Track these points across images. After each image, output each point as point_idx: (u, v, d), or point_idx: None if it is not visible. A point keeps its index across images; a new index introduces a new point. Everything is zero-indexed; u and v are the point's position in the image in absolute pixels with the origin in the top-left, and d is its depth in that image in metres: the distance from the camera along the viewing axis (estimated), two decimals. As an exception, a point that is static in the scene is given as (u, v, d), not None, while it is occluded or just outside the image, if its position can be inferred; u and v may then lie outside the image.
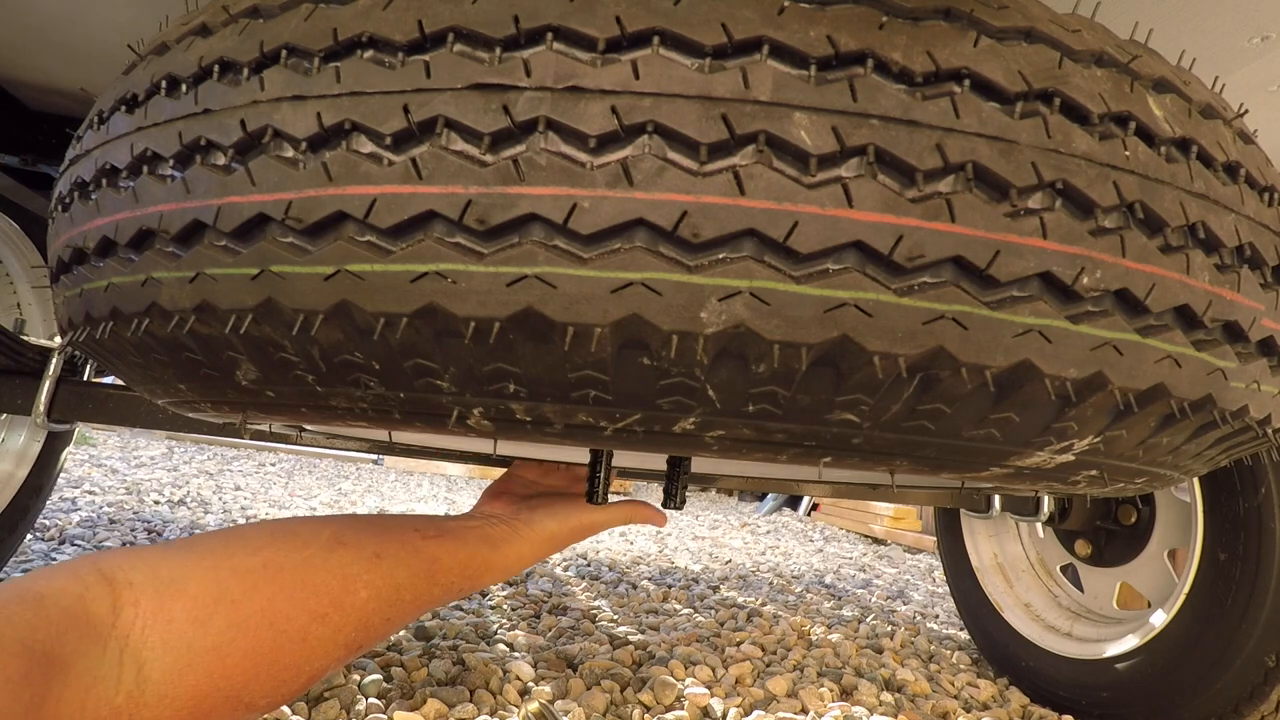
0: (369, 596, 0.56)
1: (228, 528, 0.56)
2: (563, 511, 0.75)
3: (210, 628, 0.47)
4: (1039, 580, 1.53)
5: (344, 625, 0.54)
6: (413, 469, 5.75)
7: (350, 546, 0.57)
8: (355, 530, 0.59)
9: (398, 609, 0.58)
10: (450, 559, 0.63)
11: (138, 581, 0.45)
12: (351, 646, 0.55)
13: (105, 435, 4.86)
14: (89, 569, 0.45)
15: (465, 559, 0.64)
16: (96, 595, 0.43)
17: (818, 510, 5.21)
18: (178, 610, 0.46)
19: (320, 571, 0.54)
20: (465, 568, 0.64)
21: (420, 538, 0.62)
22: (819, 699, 1.20)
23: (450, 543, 0.64)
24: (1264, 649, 1.03)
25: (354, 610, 0.55)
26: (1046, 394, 0.40)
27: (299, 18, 0.41)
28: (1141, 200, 0.40)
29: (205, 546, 0.52)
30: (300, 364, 0.43)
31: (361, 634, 0.56)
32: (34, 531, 1.87)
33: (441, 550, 0.63)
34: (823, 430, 0.42)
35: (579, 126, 0.36)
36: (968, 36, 0.38)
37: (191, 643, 0.46)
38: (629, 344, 0.38)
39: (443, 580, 0.62)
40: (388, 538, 0.60)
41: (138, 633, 0.44)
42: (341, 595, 0.54)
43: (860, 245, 0.36)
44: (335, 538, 0.57)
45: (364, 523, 0.61)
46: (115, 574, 0.45)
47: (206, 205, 0.41)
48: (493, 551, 0.67)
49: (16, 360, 1.10)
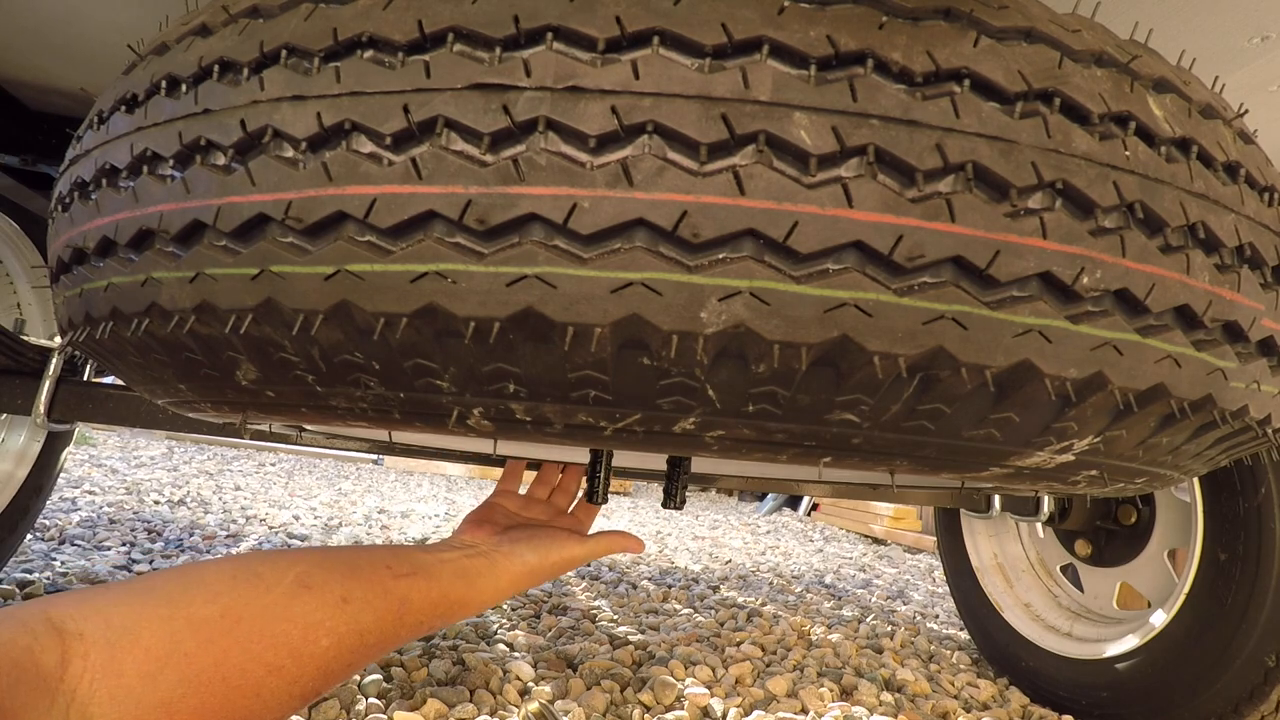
0: (330, 644, 0.54)
1: (190, 565, 0.54)
2: (544, 545, 0.74)
3: (160, 683, 0.45)
4: (1039, 580, 1.53)
5: (301, 676, 0.52)
6: (413, 469, 5.75)
7: (316, 590, 0.54)
8: (324, 570, 0.57)
9: (360, 654, 0.57)
10: (421, 599, 0.61)
11: (88, 633, 0.44)
12: (308, 695, 0.53)
13: (105, 435, 4.86)
14: (38, 618, 0.43)
15: (437, 598, 0.63)
16: (45, 646, 0.42)
17: (818, 510, 5.21)
18: (128, 663, 0.44)
19: (281, 621, 0.52)
20: (436, 606, 0.63)
21: (391, 576, 0.60)
22: (819, 699, 1.20)
23: (422, 582, 0.62)
24: (1264, 649, 1.03)
25: (313, 660, 0.53)
26: (1046, 394, 0.40)
27: (299, 18, 0.41)
28: (1141, 200, 0.40)
29: (163, 592, 0.50)
30: (300, 364, 0.43)
31: (320, 682, 0.54)
32: (34, 531, 1.87)
33: (413, 590, 0.61)
34: (823, 430, 0.42)
35: (579, 126, 0.36)
36: (968, 36, 0.38)
37: (140, 698, 0.44)
38: (629, 344, 0.38)
39: (410, 621, 0.61)
40: (357, 579, 0.58)
41: (85, 686, 0.42)
42: (301, 645, 0.52)
43: (860, 245, 0.36)
44: (300, 581, 0.54)
45: (333, 561, 0.58)
46: (65, 624, 0.44)
47: (206, 205, 0.41)
48: (468, 588, 0.66)
49: (16, 360, 1.10)
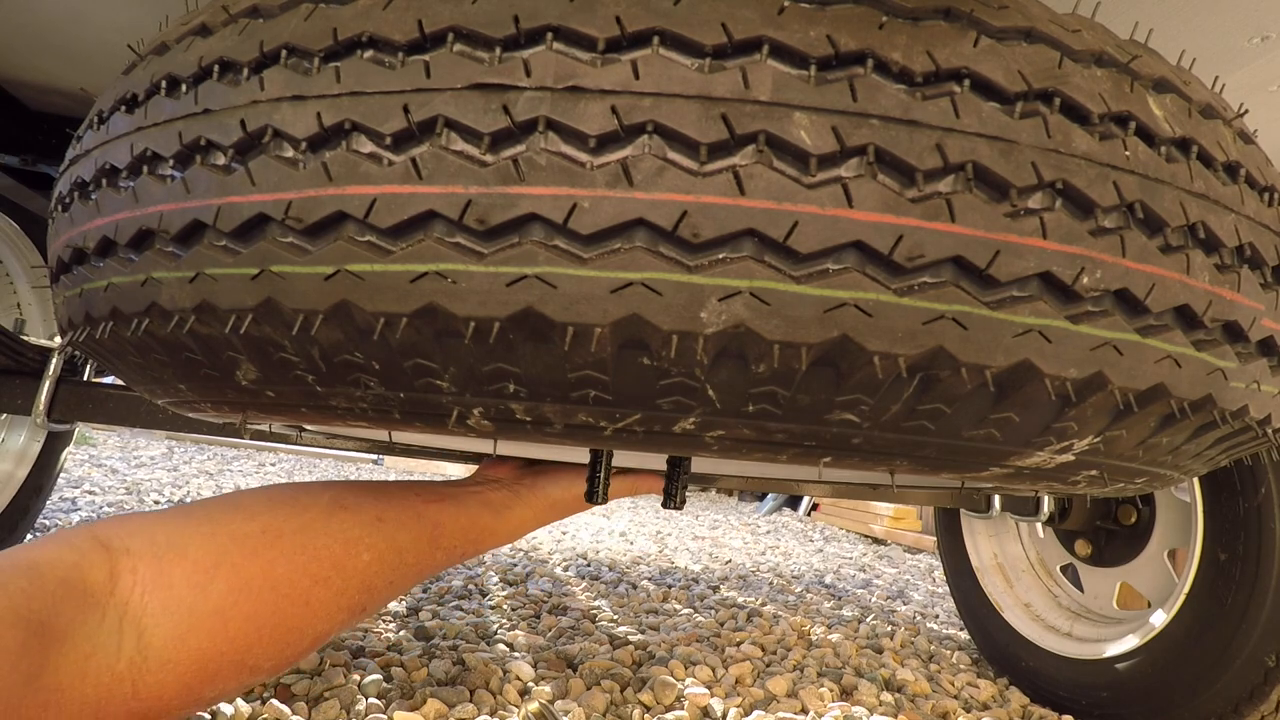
0: (371, 559, 0.55)
1: (223, 495, 0.55)
2: (566, 479, 0.74)
3: (211, 592, 0.46)
4: (1039, 580, 1.53)
5: (347, 588, 0.54)
6: (413, 469, 5.75)
7: (351, 510, 0.56)
8: (355, 495, 0.58)
9: (400, 572, 0.58)
10: (452, 524, 0.63)
11: (135, 548, 0.45)
12: (355, 610, 0.55)
13: (105, 435, 4.86)
14: (84, 537, 0.44)
15: (467, 524, 0.64)
16: (93, 562, 0.43)
17: (818, 510, 5.21)
18: (177, 575, 0.45)
19: (321, 535, 0.53)
20: (467, 532, 0.64)
21: (422, 502, 0.62)
22: (819, 699, 1.20)
23: (451, 507, 0.64)
24: (1264, 649, 1.03)
25: (356, 573, 0.54)
26: (1046, 394, 0.40)
27: (299, 18, 0.41)
28: (1141, 200, 0.40)
29: (203, 513, 0.51)
30: (300, 364, 0.43)
31: (365, 597, 0.55)
32: (34, 531, 1.87)
33: (443, 515, 0.62)
34: (823, 430, 0.42)
35: (579, 126, 0.36)
36: (968, 36, 0.38)
37: (193, 607, 0.45)
38: (629, 344, 0.38)
39: (445, 544, 0.62)
40: (389, 502, 0.59)
41: (136, 599, 0.43)
42: (343, 558, 0.54)
43: (860, 245, 0.36)
44: (335, 502, 0.56)
45: (364, 487, 0.60)
46: (111, 540, 0.45)
47: (206, 205, 0.41)
48: (495, 517, 0.67)
49: (16, 360, 1.10)
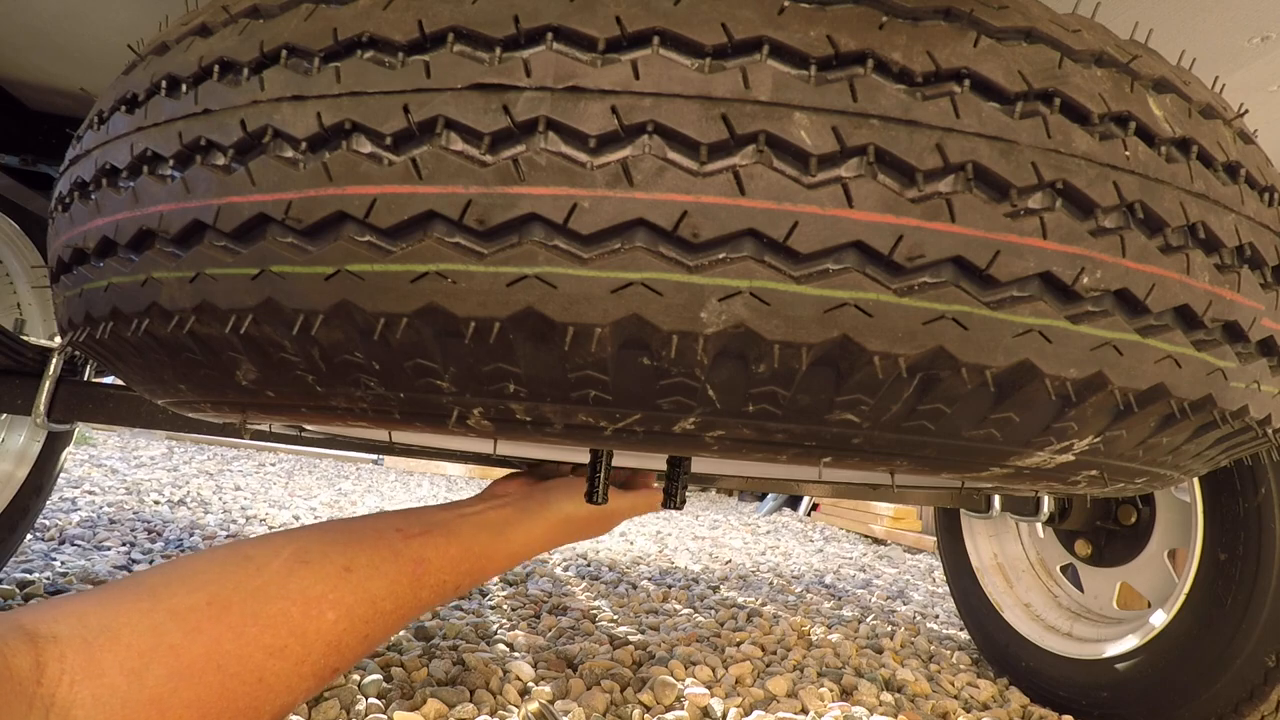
0: (338, 617, 0.51)
1: (175, 560, 0.51)
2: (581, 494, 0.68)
3: (147, 679, 0.43)
4: (1039, 580, 1.53)
5: (309, 655, 0.49)
6: (413, 469, 5.75)
7: (314, 564, 0.51)
8: (322, 543, 0.53)
9: (376, 624, 0.53)
10: (439, 557, 0.57)
11: (63, 634, 0.42)
12: (322, 675, 0.51)
13: (105, 435, 4.86)
14: (8, 626, 0.41)
15: (459, 554, 0.59)
16: (16, 650, 0.40)
17: (818, 510, 5.20)
18: (109, 661, 0.42)
19: (277, 600, 0.49)
20: (460, 563, 0.59)
21: (402, 538, 0.56)
22: (819, 699, 1.20)
23: (439, 538, 0.58)
24: (1264, 649, 1.03)
25: (320, 636, 0.50)
26: (1046, 394, 0.40)
27: (299, 18, 0.41)
28: (1141, 200, 0.40)
29: (144, 587, 0.47)
30: (300, 364, 0.43)
31: (333, 658, 0.51)
32: (34, 531, 1.87)
33: (428, 549, 0.57)
34: (823, 430, 0.42)
35: (579, 126, 0.36)
36: (968, 36, 0.38)
37: (127, 697, 0.42)
38: (629, 344, 0.38)
39: (432, 582, 0.57)
40: (360, 545, 0.54)
41: (65, 690, 0.40)
42: (304, 622, 0.49)
43: (860, 245, 0.36)
44: (297, 556, 0.51)
45: (334, 532, 0.55)
46: (37, 627, 0.42)
47: (206, 205, 0.41)
48: (495, 538, 0.61)
49: (16, 360, 1.09)
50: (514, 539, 0.63)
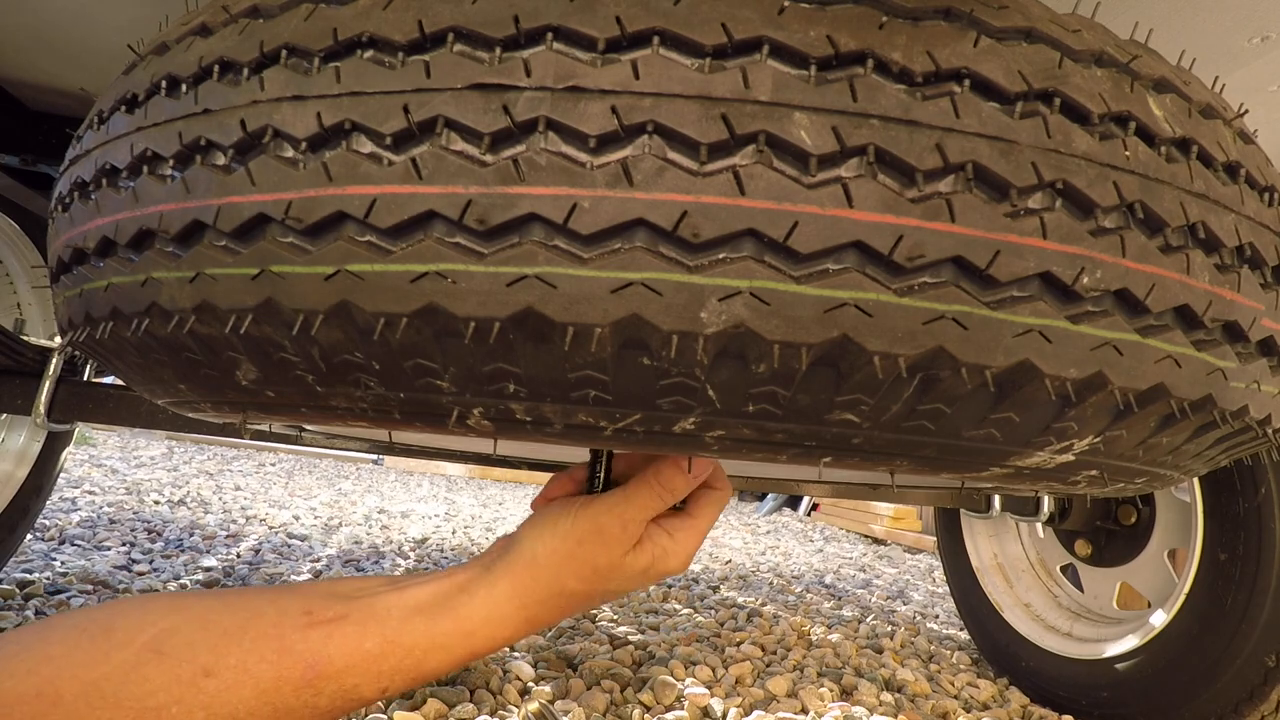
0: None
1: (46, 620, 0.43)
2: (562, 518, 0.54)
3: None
4: (1039, 580, 1.53)
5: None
6: (413, 469, 5.75)
7: (168, 659, 0.41)
8: (191, 629, 0.43)
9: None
10: (348, 653, 0.45)
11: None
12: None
13: (105, 435, 4.86)
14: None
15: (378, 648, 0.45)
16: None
17: (818, 510, 5.21)
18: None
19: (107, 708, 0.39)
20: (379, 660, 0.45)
21: (298, 629, 0.44)
22: (819, 699, 1.20)
23: (352, 627, 0.45)
24: (1264, 649, 1.03)
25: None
26: (1046, 394, 0.40)
27: (299, 18, 0.41)
28: (1141, 200, 0.40)
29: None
30: (300, 364, 0.43)
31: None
32: (34, 531, 1.87)
33: (333, 643, 0.45)
34: (823, 430, 0.42)
35: (579, 126, 0.36)
36: (968, 36, 0.38)
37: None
38: (629, 344, 0.38)
39: (331, 689, 0.44)
40: (237, 637, 0.43)
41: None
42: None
43: (860, 245, 0.36)
44: (154, 644, 0.41)
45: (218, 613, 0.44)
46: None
47: (206, 205, 0.41)
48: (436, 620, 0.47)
49: (16, 360, 1.09)
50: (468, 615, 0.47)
